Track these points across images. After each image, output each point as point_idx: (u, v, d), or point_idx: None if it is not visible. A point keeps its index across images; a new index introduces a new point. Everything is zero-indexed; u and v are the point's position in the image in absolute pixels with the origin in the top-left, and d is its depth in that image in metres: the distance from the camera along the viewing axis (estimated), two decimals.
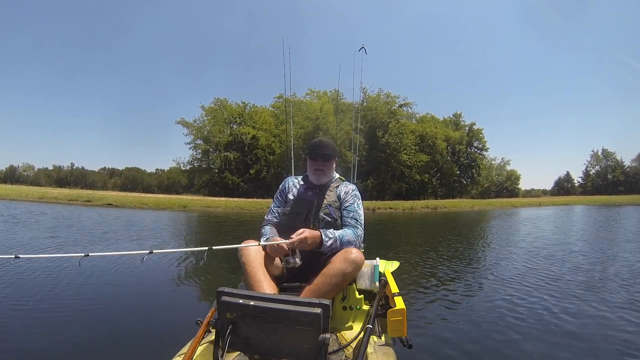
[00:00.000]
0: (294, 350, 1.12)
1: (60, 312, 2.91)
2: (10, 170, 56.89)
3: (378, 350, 1.38)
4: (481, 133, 40.96)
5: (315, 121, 29.79)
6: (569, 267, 4.88)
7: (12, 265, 4.52)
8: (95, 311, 2.98)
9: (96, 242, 6.54)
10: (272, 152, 32.04)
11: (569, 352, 2.27)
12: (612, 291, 3.65)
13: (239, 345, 1.17)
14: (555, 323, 2.74)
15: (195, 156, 34.83)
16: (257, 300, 1.13)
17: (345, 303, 1.70)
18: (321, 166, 1.93)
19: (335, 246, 1.71)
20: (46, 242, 6.31)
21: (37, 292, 3.40)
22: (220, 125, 33.47)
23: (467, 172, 40.76)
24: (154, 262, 4.93)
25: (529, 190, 60.96)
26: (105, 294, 3.47)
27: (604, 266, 4.95)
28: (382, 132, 32.05)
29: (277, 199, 2.01)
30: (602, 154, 54.49)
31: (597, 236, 8.99)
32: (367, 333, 1.28)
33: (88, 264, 4.64)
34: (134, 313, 3.00)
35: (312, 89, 34.46)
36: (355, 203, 1.90)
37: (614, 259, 5.50)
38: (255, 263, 1.62)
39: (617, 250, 6.48)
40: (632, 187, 46.91)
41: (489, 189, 46.52)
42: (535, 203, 31.33)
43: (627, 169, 51.77)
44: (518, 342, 2.42)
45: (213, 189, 31.69)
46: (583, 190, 52.87)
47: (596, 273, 4.51)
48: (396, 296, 1.56)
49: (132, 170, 61.03)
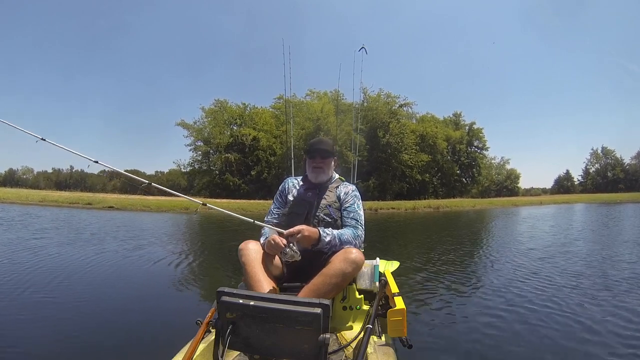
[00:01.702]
0: (294, 350, 1.12)
1: (60, 312, 2.91)
2: (10, 173, 56.91)
3: (378, 350, 1.38)
4: (481, 132, 40.98)
5: (316, 122, 29.76)
6: (570, 266, 4.85)
7: (13, 259, 4.55)
8: (95, 311, 2.98)
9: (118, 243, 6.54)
10: (274, 153, 31.94)
11: (570, 352, 2.27)
12: (621, 291, 3.60)
13: (239, 345, 1.17)
14: (555, 323, 2.73)
15: (195, 158, 34.81)
16: (257, 300, 1.13)
17: (345, 303, 1.70)
18: (320, 164, 1.93)
19: (334, 244, 1.71)
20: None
21: (37, 291, 3.40)
22: (220, 127, 33.40)
23: (467, 172, 40.77)
24: (154, 262, 4.94)
25: (529, 189, 61.25)
26: (105, 294, 3.47)
27: (607, 266, 4.88)
28: (382, 132, 32.04)
29: (277, 200, 2.01)
30: (601, 152, 54.52)
31: (602, 234, 8.98)
32: (367, 333, 1.28)
33: (88, 263, 4.65)
34: (134, 313, 3.00)
35: (313, 90, 34.42)
36: (355, 203, 1.90)
37: (619, 258, 5.45)
38: (255, 263, 1.62)
39: (621, 249, 6.43)
40: (632, 184, 46.90)
41: (489, 188, 46.50)
42: (537, 202, 31.35)
43: (627, 166, 51.75)
44: (518, 342, 2.41)
45: (214, 191, 31.63)
46: (583, 188, 52.84)
47: (600, 273, 4.42)
48: (396, 296, 1.56)
49: (131, 173, 60.39)
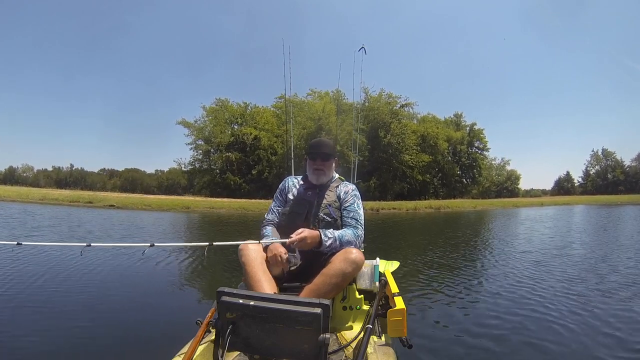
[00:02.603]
0: (294, 350, 1.12)
1: (60, 312, 2.91)
2: (10, 172, 56.95)
3: (378, 350, 1.38)
4: (482, 133, 40.97)
5: (318, 121, 29.73)
6: (571, 269, 4.85)
7: (13, 258, 4.55)
8: (95, 311, 2.98)
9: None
10: (275, 153, 31.84)
11: (570, 352, 2.27)
12: (622, 291, 3.60)
13: (239, 345, 1.17)
14: (555, 324, 2.73)
15: (196, 157, 34.84)
16: (257, 300, 1.13)
17: (345, 303, 1.70)
18: (320, 166, 1.92)
19: (335, 246, 1.71)
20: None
21: (36, 291, 3.41)
22: (221, 126, 33.36)
23: (468, 172, 40.76)
24: (154, 262, 4.93)
25: (529, 190, 61.10)
26: (105, 294, 3.47)
27: (611, 270, 4.81)
28: (384, 132, 32.02)
29: (277, 199, 2.01)
30: (602, 154, 54.44)
31: (605, 237, 8.97)
32: (367, 333, 1.28)
33: (88, 264, 4.65)
34: (134, 313, 3.00)
35: (314, 89, 34.36)
36: (355, 203, 1.90)
37: (622, 263, 5.40)
38: (255, 263, 1.62)
39: (623, 250, 6.43)
40: (632, 186, 46.81)
41: (489, 189, 46.47)
42: (537, 203, 31.37)
43: (627, 168, 51.69)
44: (518, 341, 2.42)
45: (215, 190, 31.60)
46: (583, 190, 52.80)
47: (603, 277, 4.34)
48: (396, 296, 1.56)
49: (131, 171, 61.14)
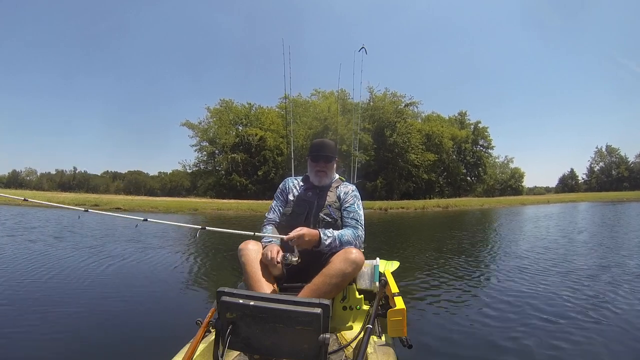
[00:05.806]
0: (294, 350, 1.12)
1: (60, 312, 2.92)
2: (13, 175, 57.31)
3: (378, 350, 1.38)
4: (486, 131, 40.90)
5: (324, 121, 29.67)
6: (574, 265, 4.81)
7: (14, 258, 4.63)
8: (95, 311, 2.98)
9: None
10: (281, 153, 31.63)
11: (570, 352, 2.25)
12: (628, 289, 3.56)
13: (239, 345, 1.18)
14: (557, 324, 2.71)
15: (200, 158, 34.78)
16: (257, 300, 1.14)
17: (345, 303, 1.70)
18: (323, 168, 1.93)
19: (335, 245, 1.71)
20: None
21: (36, 290, 3.44)
22: (226, 127, 33.23)
23: (473, 171, 40.65)
24: (155, 262, 4.96)
25: (532, 187, 60.84)
26: (104, 294, 3.48)
27: (617, 266, 4.73)
28: (389, 131, 31.95)
29: (278, 198, 2.02)
30: (606, 151, 54.11)
31: (606, 231, 8.91)
32: (367, 333, 1.28)
33: (88, 264, 4.68)
34: (134, 313, 3.01)
35: (318, 89, 34.48)
36: (355, 203, 1.91)
37: (627, 255, 5.39)
38: (255, 263, 1.63)
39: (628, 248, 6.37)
40: (637, 183, 46.51)
41: (493, 187, 46.30)
42: (544, 200, 31.31)
43: (632, 165, 51.36)
44: (518, 341, 2.40)
45: (220, 191, 31.50)
46: (587, 187, 52.49)
47: (610, 275, 4.25)
48: (396, 296, 1.55)
49: (134, 174, 61.31)
